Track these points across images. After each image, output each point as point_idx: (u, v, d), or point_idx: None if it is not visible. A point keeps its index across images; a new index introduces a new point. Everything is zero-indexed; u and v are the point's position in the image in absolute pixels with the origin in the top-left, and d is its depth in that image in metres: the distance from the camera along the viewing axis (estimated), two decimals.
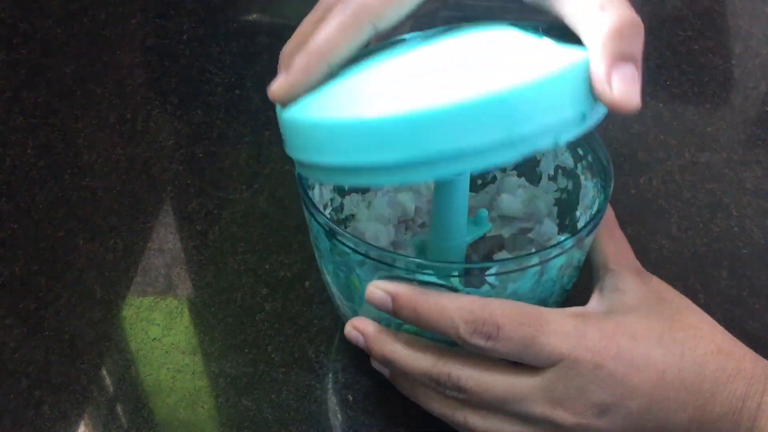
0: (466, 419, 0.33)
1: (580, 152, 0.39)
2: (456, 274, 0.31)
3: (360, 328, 0.34)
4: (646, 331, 0.32)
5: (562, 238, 0.31)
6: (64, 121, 0.56)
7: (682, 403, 0.31)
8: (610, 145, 0.54)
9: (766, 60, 0.61)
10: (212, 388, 0.41)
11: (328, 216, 0.39)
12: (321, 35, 0.30)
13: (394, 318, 0.32)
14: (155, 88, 0.60)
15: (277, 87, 0.31)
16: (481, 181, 0.44)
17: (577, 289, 0.36)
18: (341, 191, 0.42)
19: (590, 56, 0.27)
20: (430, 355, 0.33)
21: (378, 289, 0.32)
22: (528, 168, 0.43)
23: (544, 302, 0.34)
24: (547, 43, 0.28)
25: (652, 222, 0.49)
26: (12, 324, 0.44)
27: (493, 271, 0.31)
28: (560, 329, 0.31)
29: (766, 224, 0.49)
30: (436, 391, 0.34)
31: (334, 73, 0.31)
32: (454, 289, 0.31)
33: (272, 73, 0.32)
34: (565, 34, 0.29)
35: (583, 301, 0.35)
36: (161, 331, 0.44)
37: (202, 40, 0.63)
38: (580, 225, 0.39)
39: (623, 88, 0.27)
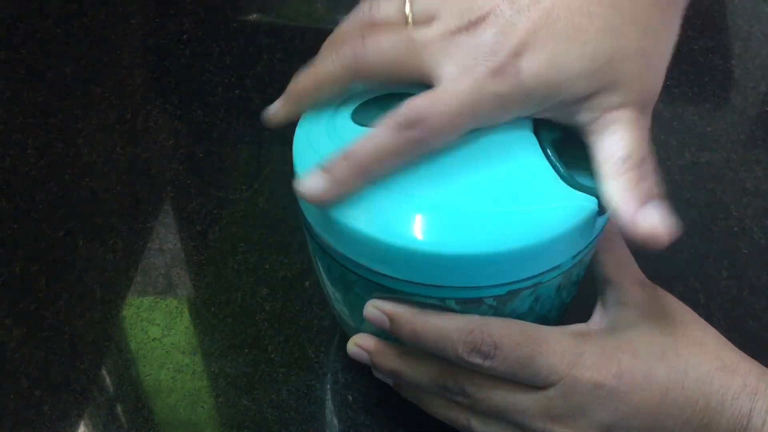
0: (470, 421, 0.33)
1: None
2: (453, 296, 0.31)
3: (363, 345, 0.34)
4: (648, 348, 0.31)
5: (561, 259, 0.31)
6: (64, 121, 0.56)
7: (687, 421, 0.31)
8: None
9: (766, 60, 0.61)
10: (212, 388, 0.41)
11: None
12: (370, 148, 0.29)
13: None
14: (155, 88, 0.60)
15: (318, 193, 0.30)
16: None
17: (577, 301, 0.36)
18: None
19: (617, 205, 0.29)
20: (435, 365, 0.33)
21: (376, 309, 0.32)
22: None
23: (544, 317, 0.34)
24: (557, 174, 0.31)
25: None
26: (12, 324, 0.44)
27: (490, 294, 0.31)
28: (559, 349, 0.30)
29: (766, 224, 0.48)
30: (440, 396, 0.34)
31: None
32: (453, 310, 0.31)
33: (272, 73, 0.33)
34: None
35: (585, 311, 0.34)
36: (161, 331, 0.44)
37: (202, 40, 0.63)
38: None
39: (648, 228, 0.28)
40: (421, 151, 0.30)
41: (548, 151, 0.31)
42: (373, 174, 0.30)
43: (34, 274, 0.47)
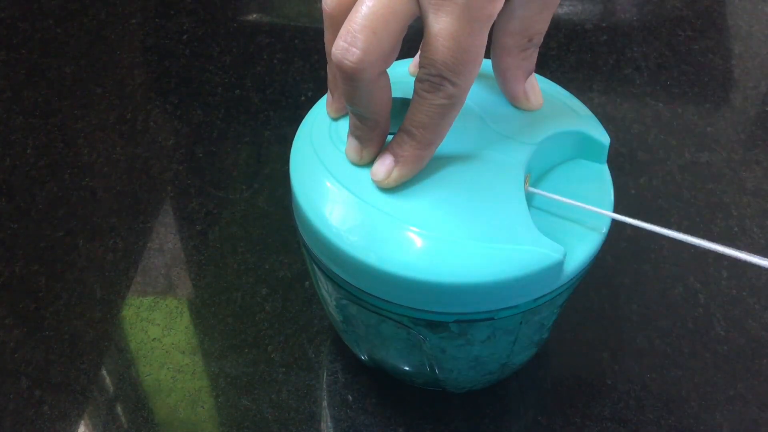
0: None
1: None
2: (406, 314, 0.31)
3: None
4: None
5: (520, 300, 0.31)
6: (64, 121, 0.56)
7: None
8: (611, 144, 0.54)
9: (766, 60, 0.61)
10: (212, 388, 0.41)
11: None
12: (426, 119, 0.29)
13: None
14: (155, 88, 0.60)
15: (389, 178, 0.30)
16: None
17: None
18: None
19: None
20: None
21: None
22: None
23: (506, 348, 0.34)
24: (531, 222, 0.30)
25: (652, 222, 0.48)
26: (12, 324, 0.44)
27: (439, 319, 0.31)
28: None
29: (766, 224, 0.48)
30: None
31: None
32: (408, 327, 0.32)
33: (272, 73, 0.32)
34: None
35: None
36: (161, 331, 0.44)
37: (202, 40, 0.63)
38: None
39: None
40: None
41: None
42: (438, 143, 0.30)
43: (34, 274, 0.47)
